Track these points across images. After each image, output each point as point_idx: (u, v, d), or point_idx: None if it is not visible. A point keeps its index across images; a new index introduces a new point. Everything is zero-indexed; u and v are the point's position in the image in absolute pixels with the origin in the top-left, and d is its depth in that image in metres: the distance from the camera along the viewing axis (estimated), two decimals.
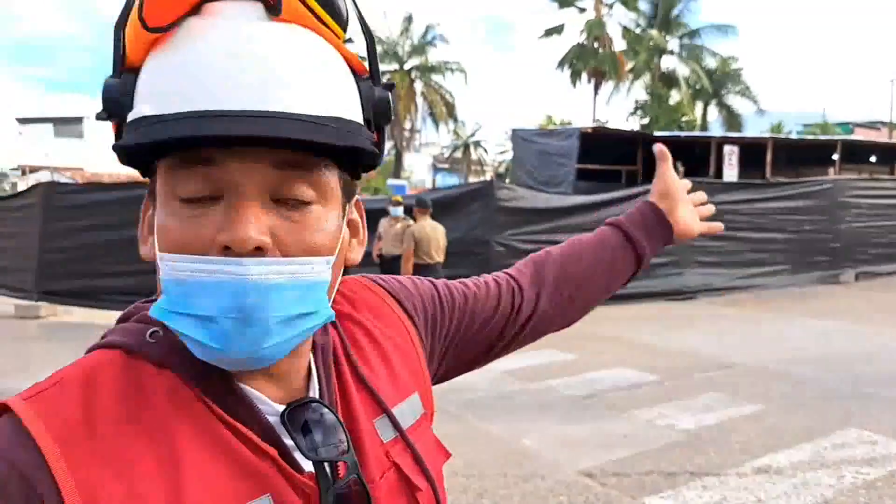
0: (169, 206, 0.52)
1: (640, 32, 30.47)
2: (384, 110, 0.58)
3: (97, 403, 0.51)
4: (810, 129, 33.67)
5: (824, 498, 3.36)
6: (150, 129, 0.49)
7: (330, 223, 0.55)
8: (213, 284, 0.49)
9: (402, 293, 0.75)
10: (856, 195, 12.53)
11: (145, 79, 0.52)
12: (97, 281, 8.80)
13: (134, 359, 0.54)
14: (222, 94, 0.49)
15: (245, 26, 0.51)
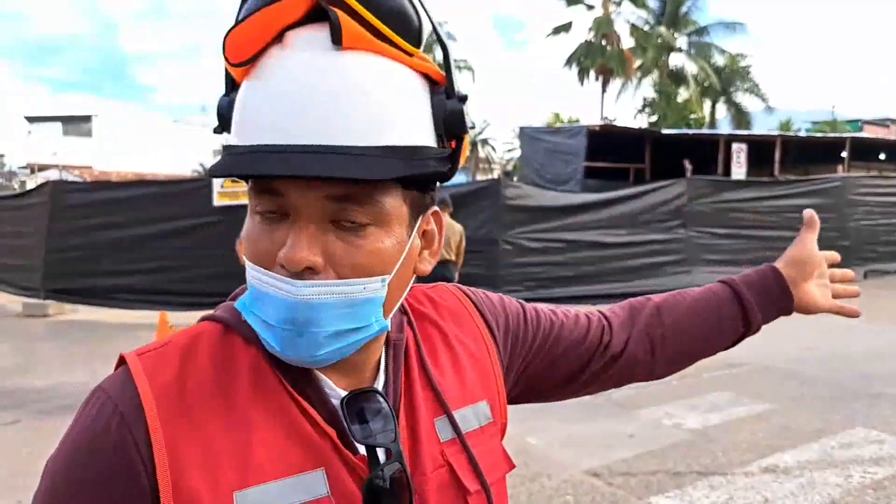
0: (252, 219, 0.59)
1: (648, 30, 30.29)
2: (457, 122, 0.59)
3: (192, 368, 0.59)
4: (819, 126, 33.41)
5: (831, 498, 3.35)
6: (226, 160, 0.56)
7: (387, 243, 0.58)
8: (272, 297, 0.56)
9: (488, 307, 0.78)
10: (865, 193, 12.44)
11: (238, 103, 0.58)
12: (105, 280, 8.83)
13: (230, 333, 0.62)
14: (279, 129, 0.54)
15: (309, 59, 0.55)
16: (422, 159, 0.57)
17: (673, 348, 0.87)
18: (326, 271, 0.56)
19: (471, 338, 0.74)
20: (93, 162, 26.74)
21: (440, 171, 0.59)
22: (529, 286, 9.44)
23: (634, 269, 10.13)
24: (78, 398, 2.81)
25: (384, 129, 0.55)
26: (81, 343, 7.34)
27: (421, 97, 0.58)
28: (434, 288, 0.77)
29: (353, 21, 0.54)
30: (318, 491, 0.58)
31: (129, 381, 0.57)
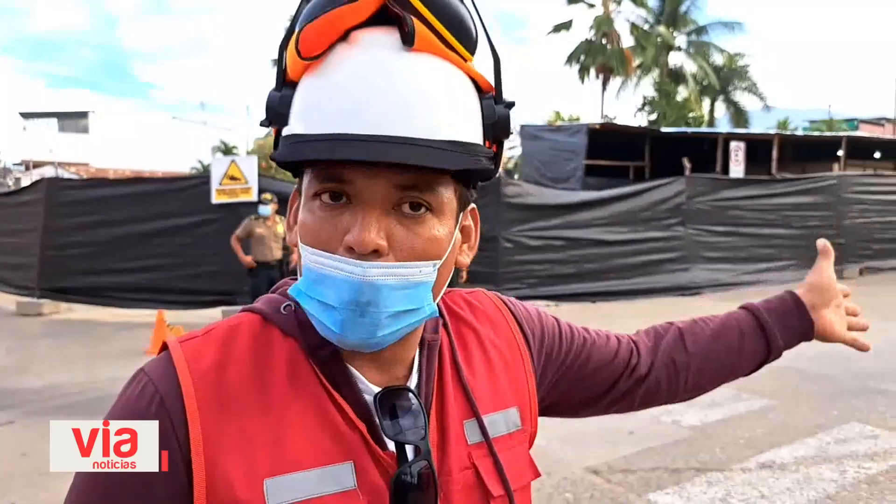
0: (310, 205, 0.60)
1: (647, 29, 30.27)
2: (503, 127, 0.64)
3: (231, 356, 0.62)
4: (816, 125, 33.43)
5: (826, 493, 3.37)
6: (296, 147, 0.58)
7: (441, 231, 0.61)
8: (337, 279, 0.58)
9: (525, 317, 0.80)
10: (860, 191, 12.48)
11: (299, 97, 0.61)
12: (102, 278, 8.76)
13: (268, 325, 0.65)
14: (355, 119, 0.56)
15: (381, 57, 0.58)
16: (476, 156, 0.61)
17: (696, 374, 0.89)
18: (388, 255, 0.58)
19: (506, 344, 0.76)
20: (89, 159, 26.65)
21: (489, 169, 0.63)
22: (530, 284, 9.45)
23: (634, 267, 10.15)
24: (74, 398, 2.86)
25: (448, 124, 0.59)
26: (77, 342, 7.31)
27: (473, 101, 0.62)
28: (472, 293, 0.80)
29: (422, 25, 0.59)
30: (346, 483, 0.60)
31: (171, 365, 0.61)
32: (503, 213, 9.26)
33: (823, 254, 0.94)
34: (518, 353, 0.76)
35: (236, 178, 8.59)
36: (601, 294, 9.79)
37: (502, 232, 9.21)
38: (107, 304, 8.80)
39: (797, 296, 0.92)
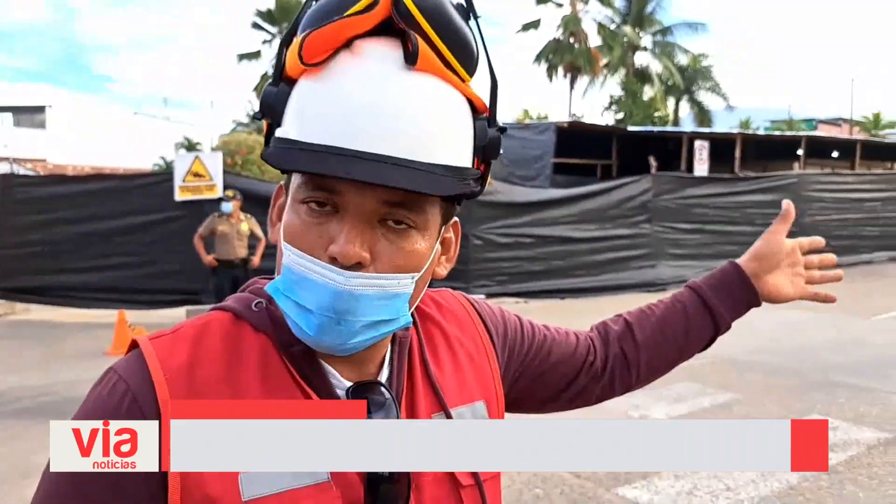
0: (296, 208, 0.61)
1: (614, 28, 30.68)
2: (493, 149, 0.66)
3: (202, 351, 0.63)
4: (777, 125, 34.34)
5: (789, 483, 3.45)
6: (290, 153, 0.58)
7: (422, 245, 0.62)
8: (318, 284, 0.59)
9: (488, 315, 0.83)
10: (819, 189, 12.87)
11: (296, 98, 0.61)
12: (60, 277, 8.51)
13: (239, 321, 0.66)
14: (352, 135, 0.57)
15: (383, 73, 0.58)
16: (465, 180, 0.62)
17: (647, 363, 0.92)
18: (369, 266, 0.60)
19: (471, 341, 0.78)
20: (46, 155, 25.84)
21: (475, 191, 0.64)
22: (500, 281, 9.49)
23: (602, 264, 10.27)
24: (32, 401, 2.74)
25: (442, 148, 0.60)
26: (34, 344, 7.08)
27: (467, 122, 0.63)
28: (439, 292, 0.82)
29: (425, 45, 0.59)
30: (319, 476, 0.60)
31: (142, 363, 0.61)
32: (473, 211, 9.28)
33: (782, 216, 0.94)
34: (483, 349, 0.78)
35: (200, 174, 8.41)
36: (569, 291, 9.89)
37: (472, 230, 9.22)
38: (65, 304, 8.56)
39: (738, 265, 0.93)
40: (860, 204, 13.51)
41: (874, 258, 13.54)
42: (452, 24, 0.61)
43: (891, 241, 14.01)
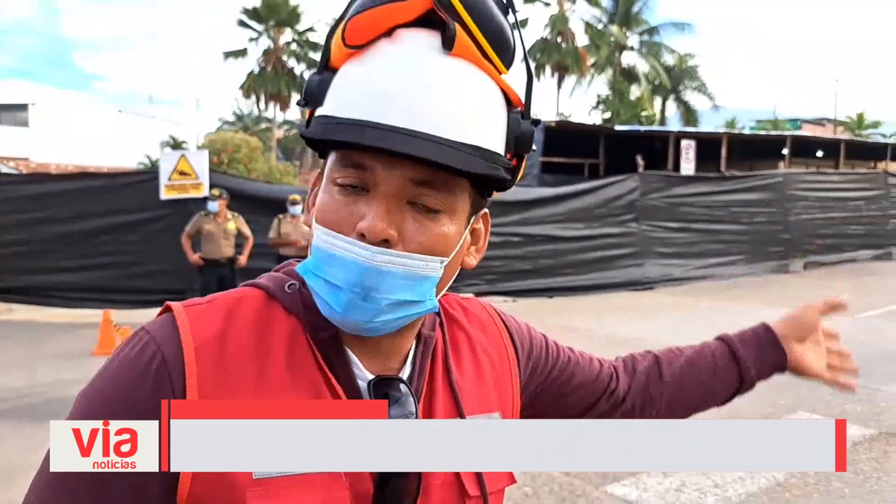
0: (329, 188, 0.63)
1: (601, 28, 30.81)
2: (526, 142, 0.66)
3: (233, 325, 0.63)
4: (762, 124, 34.68)
5: (776, 480, 3.48)
6: (325, 128, 0.60)
7: (451, 230, 0.63)
8: (345, 260, 0.60)
9: (515, 329, 0.83)
10: (804, 188, 13.00)
11: (337, 82, 0.62)
12: (44, 277, 8.40)
13: (272, 301, 0.67)
14: (384, 109, 0.58)
15: (419, 55, 0.60)
16: (496, 164, 0.63)
17: (669, 402, 0.92)
18: (397, 245, 0.60)
19: (495, 351, 0.78)
20: (29, 153, 25.50)
21: (506, 179, 0.64)
22: (489, 280, 9.50)
23: (590, 262, 10.31)
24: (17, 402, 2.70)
25: (473, 129, 0.61)
26: (18, 344, 6.99)
27: (501, 111, 0.64)
28: (468, 299, 0.83)
29: (463, 33, 0.61)
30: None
31: (174, 328, 0.62)
32: None
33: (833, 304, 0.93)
34: (506, 361, 0.78)
35: (186, 173, 8.34)
36: (557, 289, 9.92)
37: None
38: (49, 303, 8.46)
39: (769, 326, 0.94)
40: (844, 203, 13.67)
41: (858, 256, 13.72)
42: (492, 17, 0.62)
43: (874, 239, 14.20)
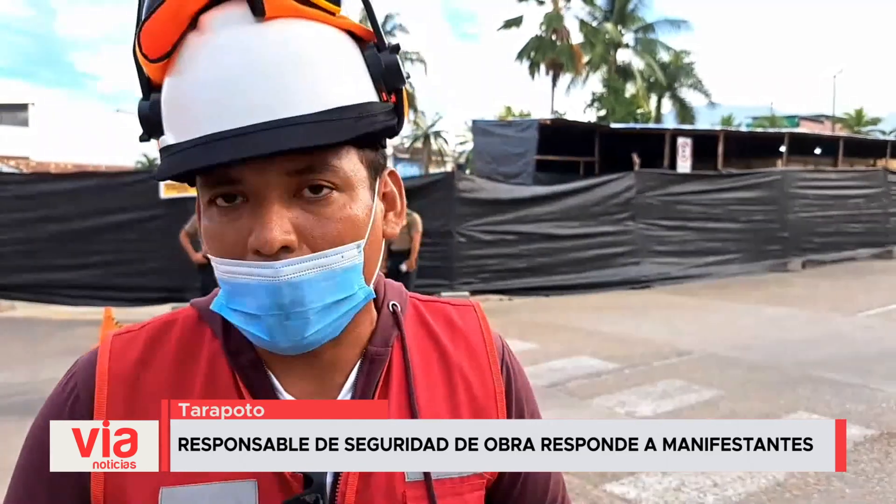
0: (208, 213, 0.56)
1: (596, 26, 30.80)
2: (395, 74, 0.58)
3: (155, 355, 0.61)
4: (759, 121, 34.73)
5: (776, 480, 3.48)
6: (171, 160, 0.53)
7: (355, 208, 0.56)
8: (252, 286, 0.53)
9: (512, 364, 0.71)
10: (802, 186, 13.00)
11: (164, 101, 0.55)
12: (46, 275, 8.51)
13: (201, 323, 0.63)
14: (223, 115, 0.51)
15: (237, 36, 0.52)
16: (370, 116, 0.55)
17: None
18: (300, 248, 0.54)
19: (477, 375, 0.67)
20: (29, 152, 25.46)
21: (390, 126, 0.57)
22: (484, 278, 9.49)
23: (586, 261, 10.32)
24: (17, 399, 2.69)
25: (327, 92, 0.53)
26: (20, 341, 6.99)
27: (353, 55, 0.56)
28: (463, 309, 0.71)
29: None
30: (246, 502, 0.56)
31: (94, 361, 0.61)
32: (456, 208, 9.27)
33: None
34: (492, 389, 0.67)
35: None
36: (553, 288, 9.92)
37: (456, 227, 9.22)
38: (51, 301, 8.57)
39: None
40: (843, 201, 13.67)
41: (857, 255, 13.74)
42: None
43: (874, 237, 14.21)
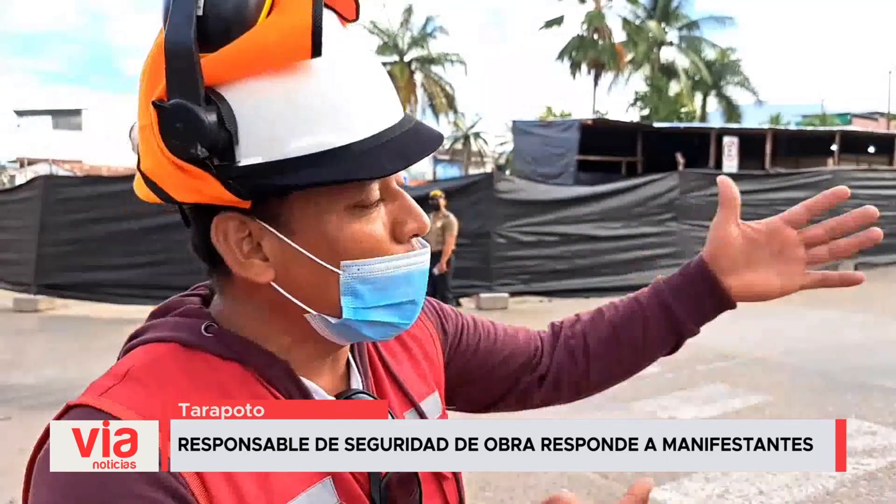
0: (338, 217, 0.54)
1: (639, 24, 30.33)
2: None
3: (176, 394, 0.52)
4: (809, 119, 33.61)
5: (825, 489, 3.37)
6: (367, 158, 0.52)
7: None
8: (409, 275, 0.57)
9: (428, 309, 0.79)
10: (855, 186, 12.51)
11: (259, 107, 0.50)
12: (96, 274, 8.82)
13: (193, 351, 0.56)
14: (387, 111, 0.54)
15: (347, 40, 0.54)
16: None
17: (598, 372, 0.84)
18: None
19: (420, 332, 0.75)
20: (83, 156, 26.52)
21: None
22: (523, 279, 9.44)
23: (627, 262, 10.16)
24: (69, 394, 2.78)
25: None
26: (73, 338, 7.28)
27: None
28: None
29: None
30: (330, 500, 0.57)
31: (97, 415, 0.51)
32: (495, 209, 9.25)
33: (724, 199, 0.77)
34: (430, 337, 0.76)
35: None
36: (594, 290, 9.79)
37: (495, 227, 9.19)
38: (102, 300, 8.86)
39: (705, 264, 0.77)
40: None
41: None
42: None
43: None
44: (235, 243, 0.55)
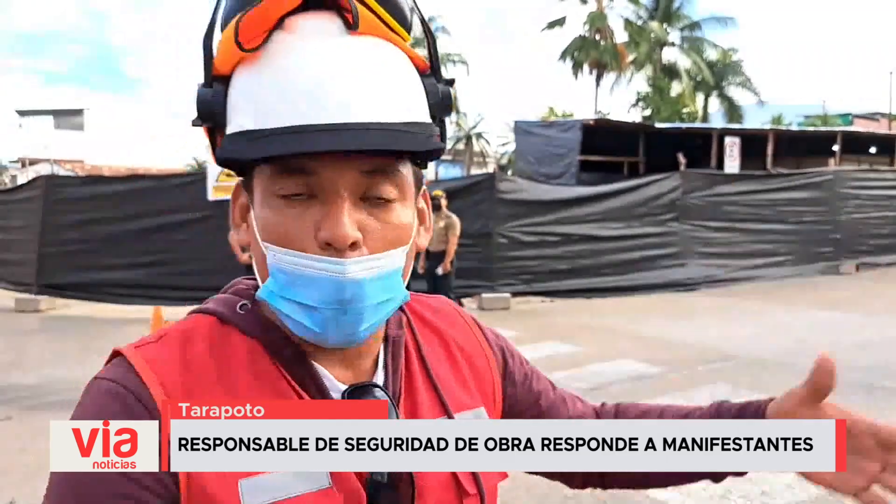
0: (271, 202, 0.58)
1: (641, 24, 30.33)
2: (447, 105, 0.63)
3: (191, 357, 0.60)
4: (811, 120, 33.56)
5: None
6: (254, 144, 0.56)
7: (406, 216, 0.61)
8: (316, 279, 0.56)
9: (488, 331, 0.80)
10: (856, 186, 12.52)
11: (239, 91, 0.59)
12: (98, 274, 8.83)
13: (225, 325, 0.63)
14: (315, 108, 0.55)
15: (328, 43, 0.57)
16: (433, 135, 0.61)
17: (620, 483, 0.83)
18: (362, 247, 0.57)
19: (470, 346, 0.75)
20: (84, 156, 26.60)
21: (440, 148, 0.62)
22: (525, 279, 9.44)
23: (629, 263, 10.16)
24: (70, 394, 2.81)
25: (404, 106, 0.58)
26: (74, 338, 7.28)
27: (417, 80, 0.62)
28: (434, 298, 0.80)
29: (362, 7, 0.58)
30: (321, 481, 0.58)
31: (130, 369, 0.58)
32: (497, 209, 9.25)
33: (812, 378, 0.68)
34: (483, 354, 0.76)
35: (232, 174, 8.59)
36: (596, 290, 9.80)
37: (496, 227, 9.19)
38: (103, 300, 8.88)
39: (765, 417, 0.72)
40: None
41: None
42: None
43: None
44: (238, 207, 0.65)
